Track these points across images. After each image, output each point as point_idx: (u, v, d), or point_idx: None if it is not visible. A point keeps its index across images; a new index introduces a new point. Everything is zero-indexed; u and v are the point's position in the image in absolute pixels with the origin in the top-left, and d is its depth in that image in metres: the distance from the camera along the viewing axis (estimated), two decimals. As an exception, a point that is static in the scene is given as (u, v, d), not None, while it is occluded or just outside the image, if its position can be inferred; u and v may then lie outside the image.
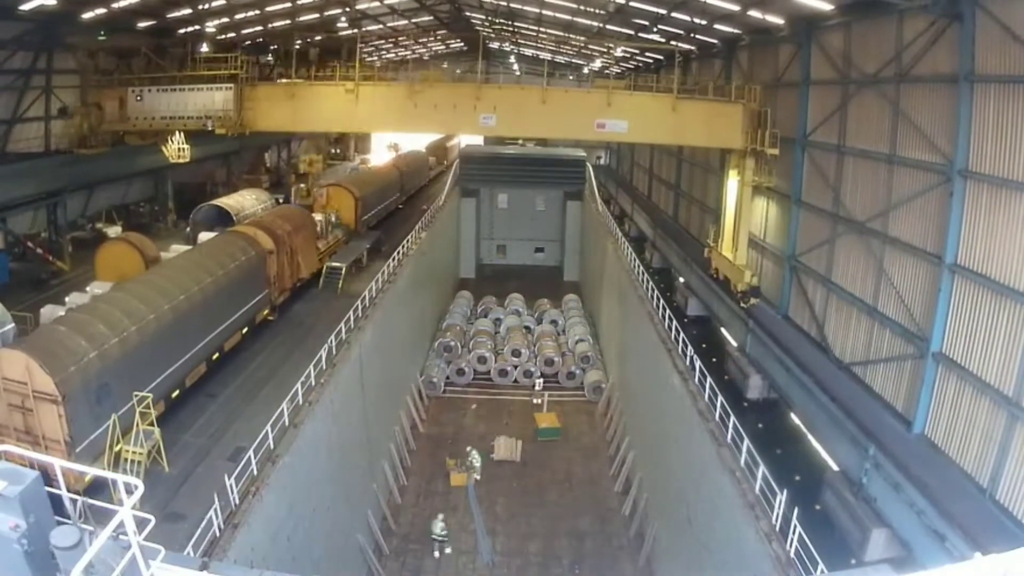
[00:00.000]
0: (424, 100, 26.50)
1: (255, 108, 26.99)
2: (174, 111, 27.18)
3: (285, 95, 27.49)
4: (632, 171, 60.70)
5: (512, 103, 26.99)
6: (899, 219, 18.93)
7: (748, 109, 26.05)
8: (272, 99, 27.50)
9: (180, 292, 18.52)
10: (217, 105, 26.77)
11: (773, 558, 12.12)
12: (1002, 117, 14.95)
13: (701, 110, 27.08)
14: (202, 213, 31.48)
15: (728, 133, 26.53)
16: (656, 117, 26.77)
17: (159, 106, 27.24)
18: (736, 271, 27.75)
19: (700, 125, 26.97)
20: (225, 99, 26.77)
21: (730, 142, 26.91)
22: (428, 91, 26.73)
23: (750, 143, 25.71)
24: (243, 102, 26.83)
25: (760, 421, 24.03)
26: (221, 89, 26.87)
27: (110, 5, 26.81)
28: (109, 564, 4.78)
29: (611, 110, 26.40)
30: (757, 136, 25.16)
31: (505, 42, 61.71)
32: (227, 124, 26.56)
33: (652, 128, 27.59)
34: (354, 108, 26.76)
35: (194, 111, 27.00)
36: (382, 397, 24.95)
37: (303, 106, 27.22)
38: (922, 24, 17.31)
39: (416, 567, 21.25)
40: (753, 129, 25.62)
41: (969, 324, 16.00)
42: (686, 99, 27.30)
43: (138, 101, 27.35)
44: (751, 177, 26.68)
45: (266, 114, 27.28)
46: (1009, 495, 14.33)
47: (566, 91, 27.74)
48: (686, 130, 27.14)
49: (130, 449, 14.85)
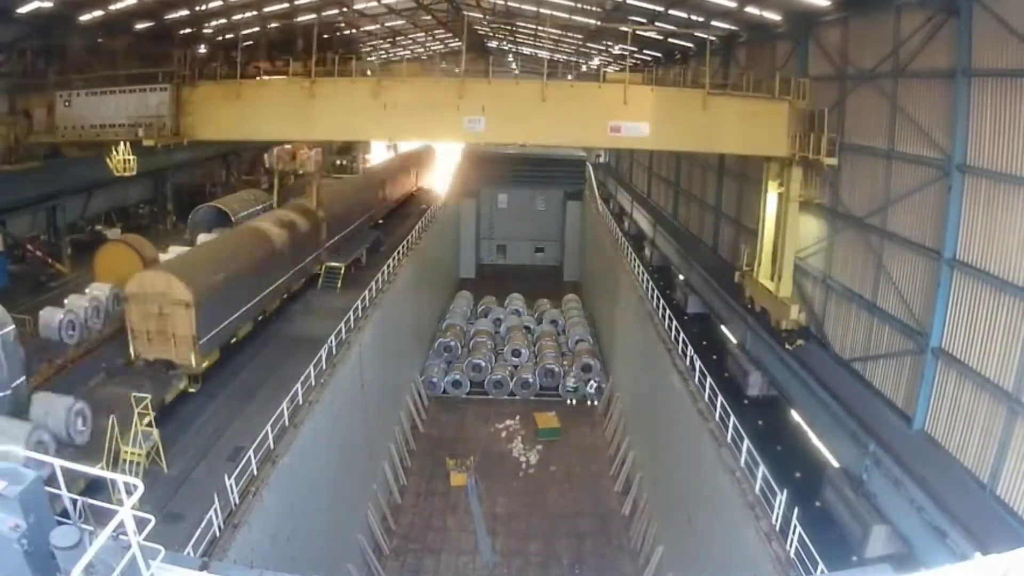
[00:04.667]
0: (394, 100, 21.94)
1: (195, 112, 22.69)
2: (104, 118, 22.87)
3: (230, 95, 22.68)
4: (632, 169, 60.70)
5: (504, 102, 22.22)
6: (898, 214, 18.93)
7: (796, 108, 21.77)
8: (214, 101, 22.92)
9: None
10: (151, 110, 22.40)
11: (773, 558, 12.13)
12: (1000, 111, 14.94)
13: (737, 109, 22.21)
14: (200, 214, 31.44)
15: (770, 137, 22.07)
16: (683, 118, 22.17)
17: (88, 112, 22.97)
18: (779, 306, 23.20)
19: (736, 128, 22.22)
20: (159, 102, 22.42)
21: (773, 148, 22.36)
22: (399, 88, 22.13)
23: (799, 150, 21.37)
24: (181, 105, 22.58)
25: (760, 418, 24.02)
26: (155, 90, 22.61)
27: (107, 7, 26.71)
28: (109, 564, 4.78)
29: (628, 109, 21.79)
30: (808, 141, 20.86)
31: (503, 41, 61.73)
32: (158, 134, 22.09)
33: (679, 132, 22.77)
34: (311, 111, 22.39)
35: (125, 117, 22.61)
36: (382, 397, 24.95)
37: (251, 109, 22.68)
38: (919, 19, 17.31)
39: (416, 567, 21.27)
40: (803, 132, 21.38)
41: (968, 319, 16.00)
42: (719, 94, 22.44)
43: (66, 107, 22.94)
44: (798, 191, 22.48)
45: (207, 119, 22.96)
46: (1009, 491, 14.32)
47: (572, 86, 23.44)
48: (720, 134, 22.50)
49: (129, 450, 14.85)
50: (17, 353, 13.95)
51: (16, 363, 13.82)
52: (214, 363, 20.12)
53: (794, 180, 22.45)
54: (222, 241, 24.07)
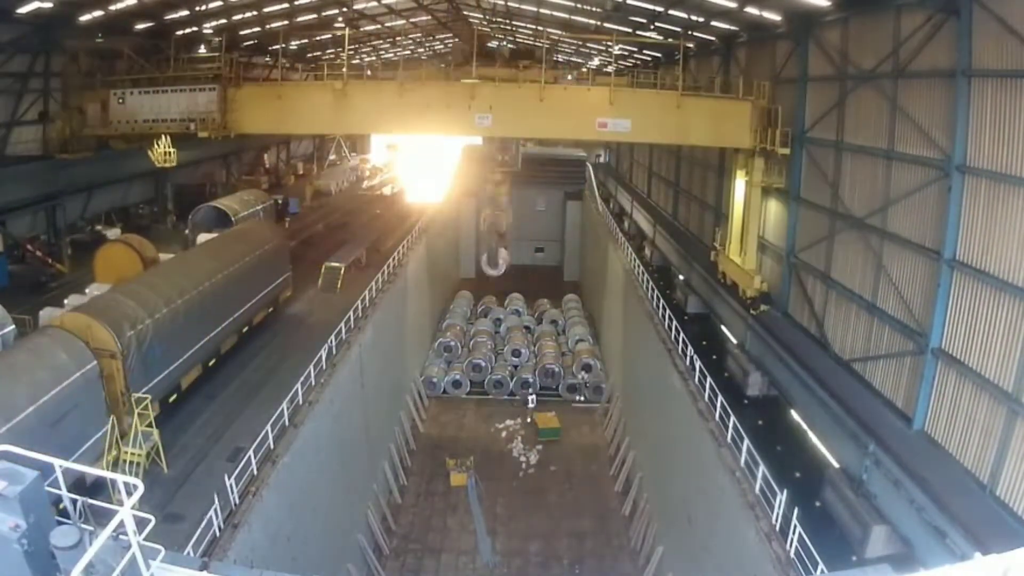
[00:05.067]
0: (416, 99, 24.94)
1: (240, 110, 25.61)
2: (156, 114, 25.78)
3: (271, 96, 25.81)
4: (631, 169, 60.70)
5: (509, 102, 25.19)
6: (898, 215, 18.93)
7: (757, 106, 25.03)
8: (257, 100, 25.97)
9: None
10: (200, 107, 25.39)
11: (773, 558, 12.11)
12: (1000, 112, 14.95)
13: (707, 108, 25.73)
14: (201, 214, 31.48)
15: (736, 132, 25.36)
16: (660, 115, 25.32)
17: (141, 109, 25.83)
18: (745, 276, 26.94)
19: (706, 124, 25.64)
20: (208, 100, 25.35)
21: (738, 141, 25.70)
22: (420, 90, 25.19)
23: (759, 142, 24.78)
24: (227, 103, 25.46)
25: (760, 418, 24.04)
26: (204, 90, 25.52)
27: (107, 7, 26.79)
28: (109, 564, 4.79)
29: (613, 108, 24.91)
30: (767, 135, 24.28)
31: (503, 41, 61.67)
32: (211, 127, 25.17)
33: (656, 127, 26.04)
34: (343, 108, 25.28)
35: (177, 113, 25.60)
36: (382, 397, 24.94)
37: (290, 107, 25.61)
38: (919, 19, 17.32)
39: (416, 567, 21.26)
40: (762, 127, 24.72)
41: (968, 319, 16.00)
42: (691, 96, 25.81)
43: (120, 104, 25.87)
44: (760, 178, 25.93)
45: (252, 116, 25.96)
46: (1009, 491, 14.33)
47: (565, 88, 25.95)
48: (691, 129, 25.72)
49: (129, 450, 14.87)
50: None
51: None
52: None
53: (756, 168, 26.02)
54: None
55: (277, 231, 28.88)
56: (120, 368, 15.51)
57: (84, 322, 15.41)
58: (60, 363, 13.95)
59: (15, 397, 12.53)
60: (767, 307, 26.34)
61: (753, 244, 27.28)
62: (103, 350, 15.21)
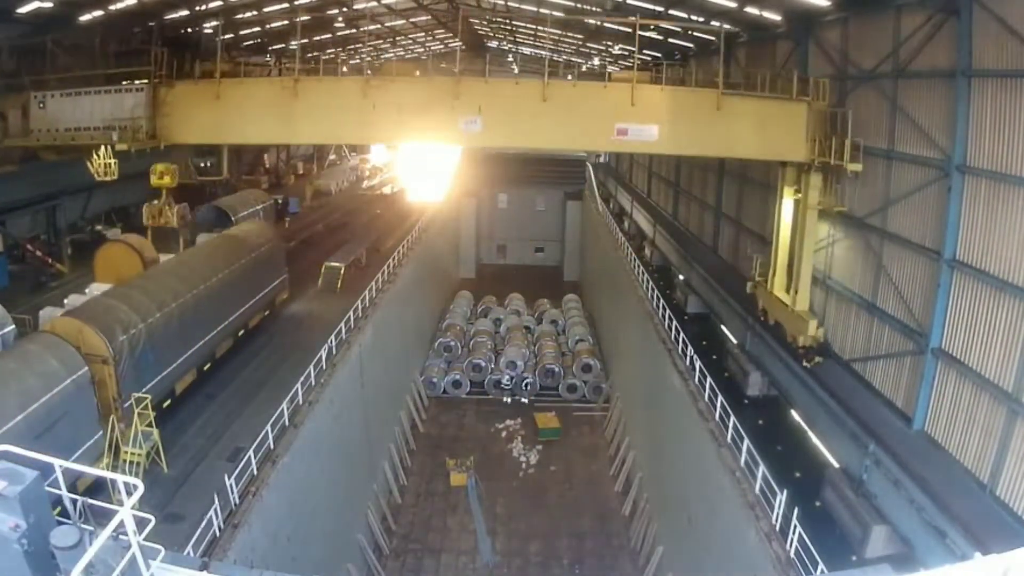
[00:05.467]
0: (384, 100, 20.59)
1: (172, 114, 21.27)
2: (79, 121, 21.36)
3: (209, 97, 21.21)
4: (631, 169, 60.70)
5: (503, 102, 20.89)
6: (898, 215, 18.93)
7: (815, 109, 20.56)
8: (193, 102, 21.47)
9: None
10: (126, 111, 20.92)
11: (773, 558, 12.12)
12: (1000, 112, 14.94)
13: (753, 110, 20.95)
14: (201, 214, 31.47)
15: (788, 141, 20.79)
16: (695, 119, 20.80)
17: (62, 115, 21.44)
18: (796, 320, 22.10)
19: (752, 130, 20.88)
20: (135, 104, 20.98)
21: (792, 152, 21.12)
22: (389, 86, 20.80)
23: (818, 154, 20.21)
24: (158, 107, 21.18)
25: (760, 418, 24.03)
26: (132, 91, 21.36)
27: (107, 8, 26.69)
28: (109, 564, 4.79)
29: (636, 111, 20.31)
30: (829, 145, 19.70)
31: (503, 41, 61.70)
32: (133, 137, 20.57)
33: (690, 135, 21.28)
34: (295, 113, 20.86)
35: (100, 120, 21.17)
36: (382, 397, 24.94)
37: (231, 110, 21.25)
38: (919, 19, 17.31)
39: (416, 567, 21.26)
40: (822, 136, 20.24)
41: (968, 319, 16.00)
42: (734, 95, 21.07)
43: (41, 109, 21.41)
44: (816, 198, 21.21)
45: (186, 122, 21.50)
46: (1009, 491, 14.33)
47: (574, 85, 21.75)
48: (734, 138, 21.07)
49: (129, 450, 14.86)
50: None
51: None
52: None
53: (812, 187, 21.16)
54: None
55: (273, 232, 28.75)
56: (112, 374, 15.27)
57: (75, 327, 15.15)
58: (51, 369, 13.76)
59: (5, 404, 12.40)
60: (821, 359, 21.67)
61: (807, 280, 22.20)
62: (95, 356, 14.99)
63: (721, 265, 32.92)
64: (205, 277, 20.47)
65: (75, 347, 14.59)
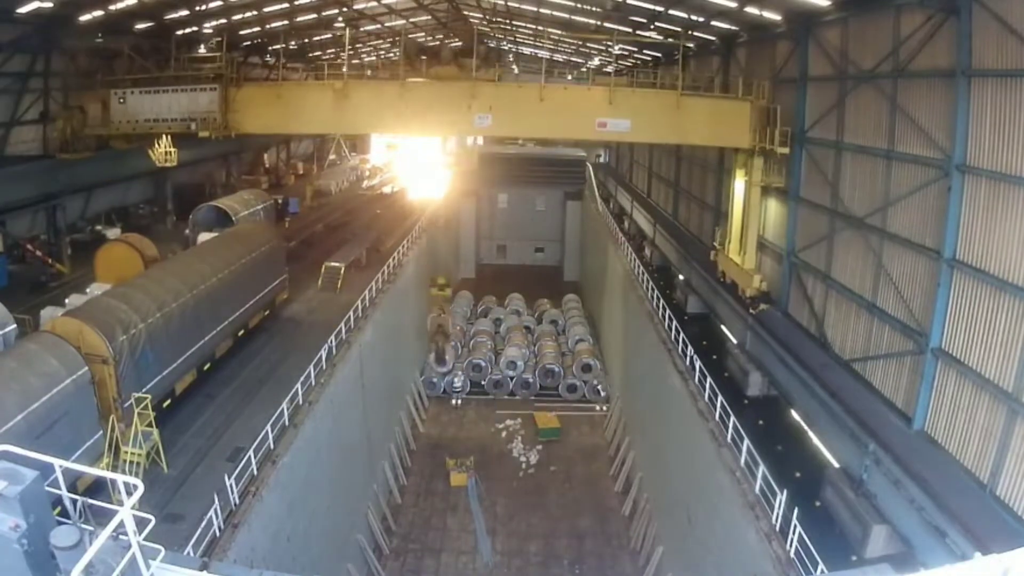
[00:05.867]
0: (416, 99, 25.18)
1: (241, 110, 25.77)
2: (157, 113, 25.95)
3: (271, 96, 26.02)
4: (632, 169, 60.71)
5: (508, 102, 25.45)
6: (898, 214, 18.93)
7: (756, 106, 24.95)
8: (258, 100, 26.13)
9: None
10: (201, 107, 25.57)
11: (773, 558, 12.13)
12: (1000, 111, 14.94)
13: (706, 107, 25.80)
14: (201, 214, 31.45)
15: (735, 131, 25.33)
16: (659, 115, 25.36)
17: (142, 109, 25.98)
18: (745, 276, 26.80)
19: (705, 123, 25.66)
20: (210, 100, 25.54)
21: (737, 141, 25.67)
22: (420, 89, 25.38)
23: (759, 142, 24.64)
24: (228, 103, 25.61)
25: (760, 418, 24.03)
26: (205, 90, 25.68)
27: (107, 7, 26.77)
28: (109, 564, 4.79)
29: (613, 108, 24.97)
30: (766, 134, 24.12)
31: (503, 41, 61.68)
32: (212, 127, 25.33)
33: (655, 127, 26.08)
34: (343, 108, 25.42)
35: (178, 113, 25.79)
36: (382, 397, 24.96)
37: (291, 107, 25.79)
38: (919, 19, 17.31)
39: (416, 567, 21.27)
40: (762, 127, 24.56)
41: (968, 319, 15.99)
42: (690, 96, 25.75)
43: (121, 104, 25.99)
44: (759, 177, 25.81)
45: (253, 116, 26.08)
46: (1009, 491, 14.32)
47: (565, 88, 26.02)
48: (691, 129, 25.79)
49: (129, 450, 14.86)
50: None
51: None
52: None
53: (756, 168, 25.84)
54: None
55: (273, 232, 28.74)
56: (112, 374, 15.22)
57: (75, 327, 15.08)
58: (51, 369, 13.70)
59: (4, 404, 12.37)
60: (767, 306, 26.33)
61: (753, 243, 27.17)
62: (95, 355, 14.94)
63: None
64: (205, 277, 20.46)
65: (75, 347, 14.56)
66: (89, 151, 27.77)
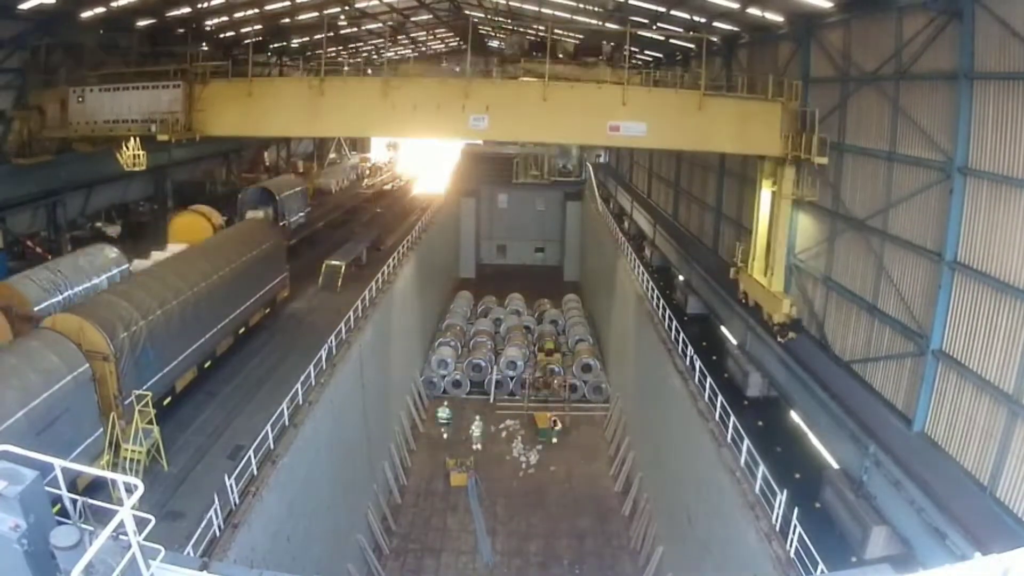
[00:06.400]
0: (402, 99, 22.66)
1: (207, 109, 23.42)
2: (117, 114, 23.61)
3: (241, 93, 23.36)
4: (632, 169, 60.67)
5: (507, 102, 23.06)
6: (899, 216, 18.92)
7: (788, 108, 22.34)
8: (225, 98, 23.63)
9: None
10: (163, 106, 23.10)
11: (773, 558, 12.12)
12: (1002, 114, 14.93)
13: (732, 109, 22.89)
14: (249, 194, 34.23)
15: (765, 137, 22.62)
16: (679, 118, 22.75)
17: (101, 108, 23.66)
18: (772, 300, 23.87)
19: (731, 128, 22.82)
20: (172, 99, 23.12)
21: (767, 148, 22.99)
22: (406, 87, 22.84)
23: (791, 150, 22.00)
24: (193, 102, 23.28)
25: (760, 419, 24.03)
26: (168, 87, 23.32)
27: (108, 4, 26.70)
28: (109, 564, 4.79)
29: (627, 110, 22.40)
30: (800, 141, 21.53)
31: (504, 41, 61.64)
32: (172, 128, 22.87)
33: (675, 131, 23.33)
34: (320, 109, 22.99)
35: (138, 113, 23.36)
36: (382, 397, 24.94)
37: (261, 106, 23.34)
38: (922, 21, 17.29)
39: (416, 567, 21.26)
40: (795, 132, 22.01)
41: (969, 321, 15.99)
42: (714, 96, 23.21)
43: (79, 103, 23.67)
44: (791, 190, 22.95)
45: (219, 116, 23.67)
46: (1009, 492, 14.32)
47: (572, 86, 23.18)
48: (714, 134, 22.96)
49: (130, 447, 14.86)
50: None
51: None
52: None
53: (787, 179, 23.04)
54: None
55: (274, 230, 28.85)
56: (113, 371, 15.23)
57: (76, 324, 15.06)
58: (51, 366, 13.66)
59: (4, 401, 12.35)
60: (795, 335, 23.59)
61: (781, 264, 24.25)
62: (95, 352, 14.93)
63: (721, 266, 32.84)
64: (206, 274, 20.46)
65: (76, 344, 14.56)
66: (48, 155, 25.68)
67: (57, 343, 14.29)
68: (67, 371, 13.91)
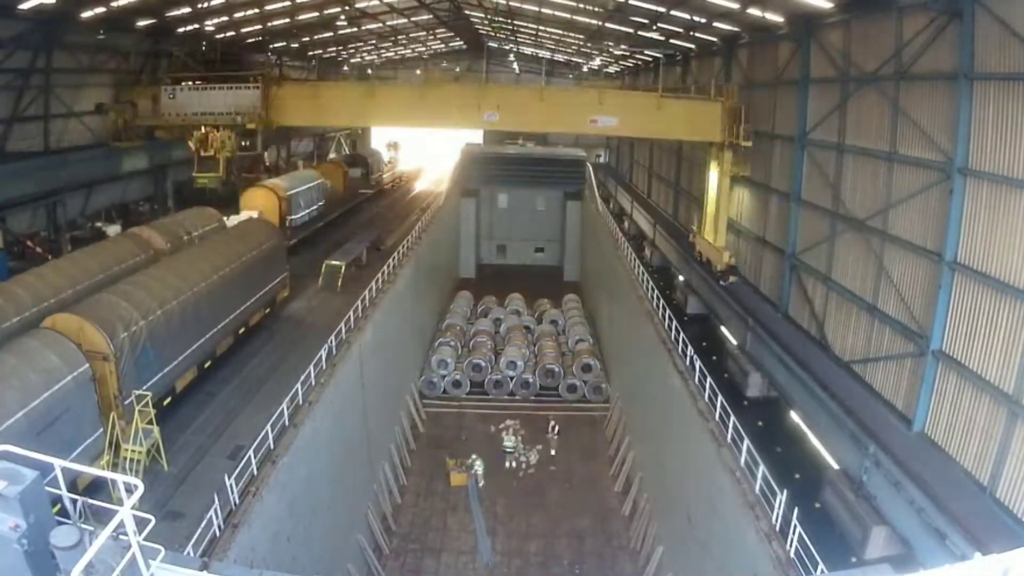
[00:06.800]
0: (433, 99, 30.53)
1: (281, 106, 31.24)
2: (205, 108, 31.06)
3: (309, 94, 32.42)
4: (632, 169, 60.68)
5: (513, 101, 30.84)
6: (899, 217, 18.92)
7: (726, 106, 29.18)
8: (297, 98, 32.02)
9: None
10: (245, 103, 30.74)
11: (773, 558, 12.11)
12: (1002, 114, 14.93)
13: (683, 108, 30.79)
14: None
15: (708, 128, 29.81)
16: (643, 114, 30.21)
17: (191, 103, 31.08)
18: (715, 252, 31.03)
19: (683, 121, 30.42)
20: (252, 97, 30.72)
21: (710, 136, 30.18)
22: (437, 91, 31.23)
23: (728, 137, 28.92)
24: (269, 100, 30.87)
25: (760, 419, 24.03)
26: (249, 88, 30.89)
27: (109, 4, 26.75)
28: (109, 564, 4.79)
29: (603, 108, 30.08)
30: (734, 130, 28.46)
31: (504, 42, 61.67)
32: (255, 119, 30.80)
33: (640, 123, 31.25)
34: (371, 106, 31.34)
35: (223, 108, 30.90)
36: (382, 397, 24.92)
37: (325, 104, 32.03)
38: (922, 22, 17.30)
39: (416, 567, 21.24)
40: (731, 124, 28.75)
41: (969, 322, 16.00)
42: (670, 98, 30.92)
43: (171, 99, 31.11)
44: (729, 168, 30.02)
45: (291, 110, 31.59)
46: (1009, 493, 14.33)
47: (562, 90, 31.07)
48: (670, 125, 30.58)
49: (130, 447, 14.86)
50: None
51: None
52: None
53: (726, 160, 30.20)
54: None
55: (274, 229, 28.84)
56: (113, 371, 15.27)
57: (76, 324, 15.10)
58: (51, 366, 13.67)
59: (5, 401, 12.36)
60: (735, 278, 30.26)
61: (724, 225, 31.40)
62: (95, 352, 14.96)
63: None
64: (206, 274, 20.46)
65: (76, 344, 14.57)
66: (139, 140, 32.98)
67: (57, 343, 14.29)
68: (67, 371, 13.91)
